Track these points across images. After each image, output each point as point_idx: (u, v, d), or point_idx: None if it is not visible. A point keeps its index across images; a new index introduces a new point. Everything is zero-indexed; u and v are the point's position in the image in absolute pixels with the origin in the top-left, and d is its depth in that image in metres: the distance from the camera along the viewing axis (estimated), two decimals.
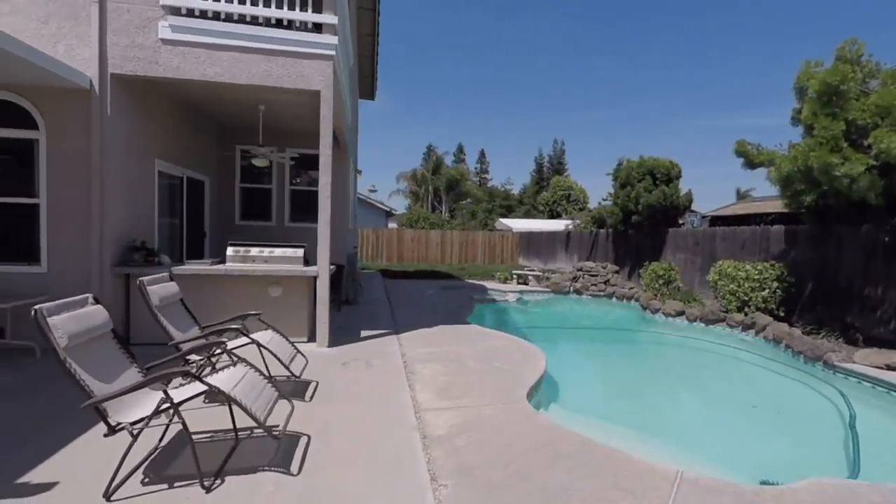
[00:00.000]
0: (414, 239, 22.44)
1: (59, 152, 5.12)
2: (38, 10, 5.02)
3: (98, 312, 2.83)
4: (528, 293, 12.95)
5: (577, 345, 8.93)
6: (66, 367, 2.47)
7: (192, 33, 5.30)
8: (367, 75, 14.90)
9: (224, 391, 2.64)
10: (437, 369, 5.09)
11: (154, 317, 3.71)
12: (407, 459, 3.05)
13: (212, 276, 5.64)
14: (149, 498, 2.55)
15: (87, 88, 5.08)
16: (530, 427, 3.60)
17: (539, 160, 60.01)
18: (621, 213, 13.19)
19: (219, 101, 7.11)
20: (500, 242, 23.05)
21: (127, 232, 5.59)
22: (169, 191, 6.97)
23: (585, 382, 6.56)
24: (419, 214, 31.39)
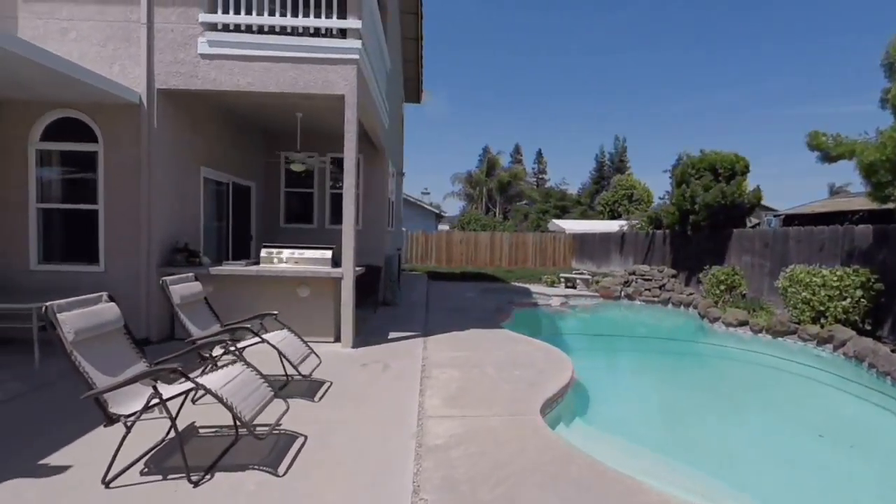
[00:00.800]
0: (463, 241, 22.36)
1: (114, 163, 5.65)
2: (98, 35, 5.58)
3: (109, 310, 3.03)
4: (575, 298, 12.37)
5: (620, 355, 8.33)
6: (72, 359, 2.66)
7: (226, 47, 5.62)
8: (413, 79, 15.08)
9: (209, 389, 2.70)
10: (454, 375, 4.94)
11: (175, 314, 3.93)
12: (395, 468, 2.95)
13: (246, 277, 5.92)
14: (143, 487, 2.67)
15: (137, 104, 5.56)
16: (536, 443, 3.35)
17: (600, 158, 57.55)
18: (678, 212, 12.18)
19: (260, 110, 7.50)
20: (551, 244, 22.31)
21: (173, 235, 6.04)
22: (216, 196, 7.46)
23: (623, 398, 6.05)
24: (471, 216, 31.31)
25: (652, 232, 14.65)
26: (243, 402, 2.86)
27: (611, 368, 7.40)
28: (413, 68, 14.67)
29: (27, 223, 5.63)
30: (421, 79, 15.31)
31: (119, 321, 3.09)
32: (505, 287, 13.93)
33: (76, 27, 5.56)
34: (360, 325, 7.23)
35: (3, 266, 5.58)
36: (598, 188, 49.97)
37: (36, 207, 5.66)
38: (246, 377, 3.08)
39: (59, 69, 4.73)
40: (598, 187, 50.79)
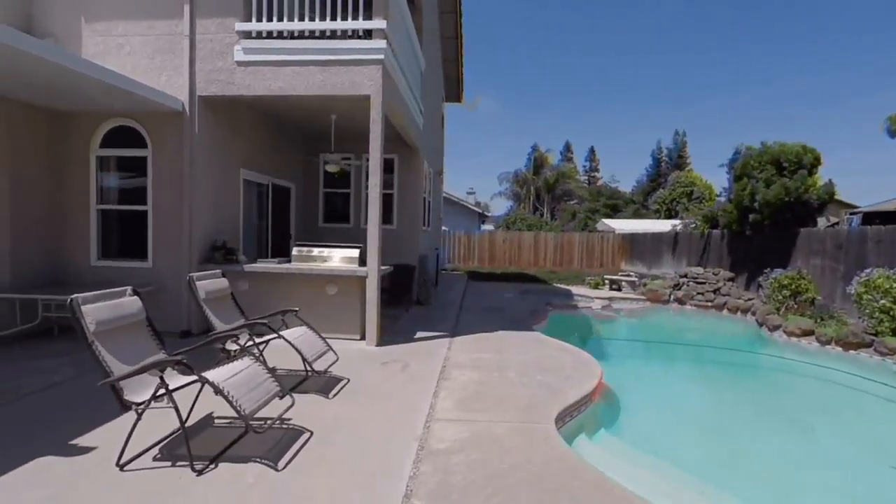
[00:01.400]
0: (506, 241, 22.03)
1: (160, 166, 6.08)
2: (148, 49, 6.02)
3: (132, 303, 3.23)
4: (619, 301, 11.75)
5: (661, 364, 7.76)
6: (93, 349, 2.85)
7: (259, 53, 5.86)
8: (453, 78, 15.05)
9: (211, 382, 2.79)
10: (473, 377, 4.83)
11: (199, 308, 4.14)
12: (392, 470, 2.90)
13: (277, 274, 6.15)
14: (152, 472, 2.81)
15: (181, 111, 5.94)
16: (542, 453, 3.17)
17: (657, 154, 54.57)
18: (736, 211, 11.20)
19: (297, 113, 7.78)
20: (599, 244, 21.41)
21: (212, 233, 6.39)
22: (256, 197, 7.83)
23: (660, 411, 5.59)
24: (516, 216, 30.81)
25: (708, 232, 13.61)
26: (246, 395, 2.94)
27: (650, 378, 6.90)
28: (453, 68, 14.64)
29: (89, 223, 6.20)
30: (462, 78, 15.24)
31: (141, 314, 3.29)
32: (545, 288, 13.53)
33: (129, 42, 6.04)
34: (390, 324, 7.30)
35: (68, 262, 6.19)
36: (655, 186, 47.33)
37: (96, 209, 6.21)
38: (252, 372, 3.16)
39: (115, 83, 5.17)
40: (654, 185, 48.13)
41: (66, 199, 6.16)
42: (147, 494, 2.58)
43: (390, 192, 9.64)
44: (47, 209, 6.02)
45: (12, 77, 4.93)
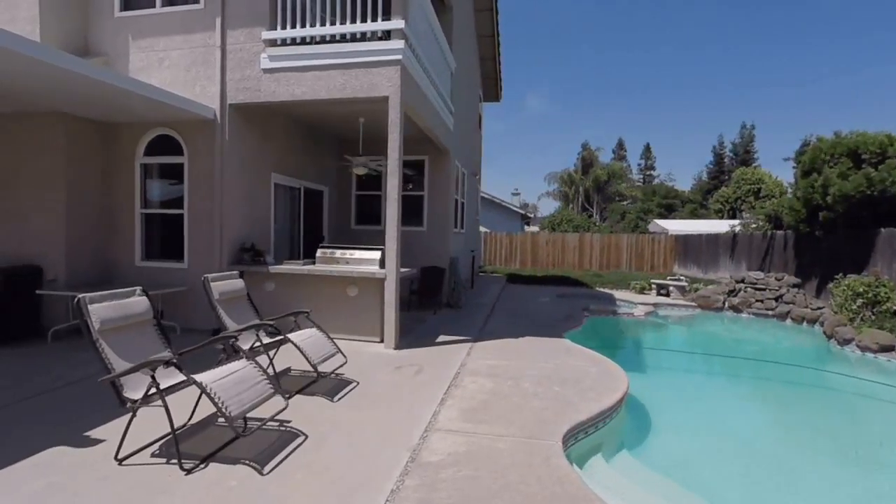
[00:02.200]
0: (549, 242, 21.38)
1: (195, 172, 6.40)
2: (185, 61, 6.37)
3: (139, 303, 3.36)
4: (666, 307, 10.96)
5: (707, 379, 7.05)
6: (96, 346, 2.98)
7: (284, 60, 6.01)
8: (491, 77, 14.82)
9: (198, 382, 2.82)
10: (485, 385, 4.62)
11: (213, 308, 4.27)
12: (376, 482, 2.78)
13: (300, 276, 6.27)
14: (146, 468, 2.89)
15: (212, 119, 6.23)
16: (541, 474, 2.92)
17: (719, 150, 50.82)
18: (803, 207, 10.06)
19: (326, 118, 7.93)
20: (649, 246, 20.20)
21: (243, 236, 6.64)
22: (289, 200, 8.07)
23: (697, 433, 4.99)
24: (562, 216, 29.85)
25: (771, 233, 12.37)
26: (235, 397, 2.94)
27: (690, 394, 6.28)
28: (491, 66, 14.42)
29: (133, 226, 6.66)
30: (499, 76, 14.98)
31: (148, 313, 3.41)
32: (585, 292, 12.92)
33: (169, 56, 6.42)
34: (415, 327, 7.23)
35: (116, 262, 6.68)
36: (716, 183, 44.10)
37: (140, 213, 6.66)
38: (246, 373, 3.18)
39: (154, 97, 5.55)
40: (715, 182, 44.87)
41: (115, 205, 6.66)
42: (134, 490, 2.64)
43: (420, 193, 9.60)
44: (98, 214, 6.54)
45: (72, 96, 5.43)
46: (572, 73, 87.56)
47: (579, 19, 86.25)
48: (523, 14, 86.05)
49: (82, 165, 6.31)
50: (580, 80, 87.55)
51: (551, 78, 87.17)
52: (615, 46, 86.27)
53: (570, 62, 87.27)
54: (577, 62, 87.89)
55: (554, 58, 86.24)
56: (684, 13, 77.54)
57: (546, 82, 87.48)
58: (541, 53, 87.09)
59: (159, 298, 6.28)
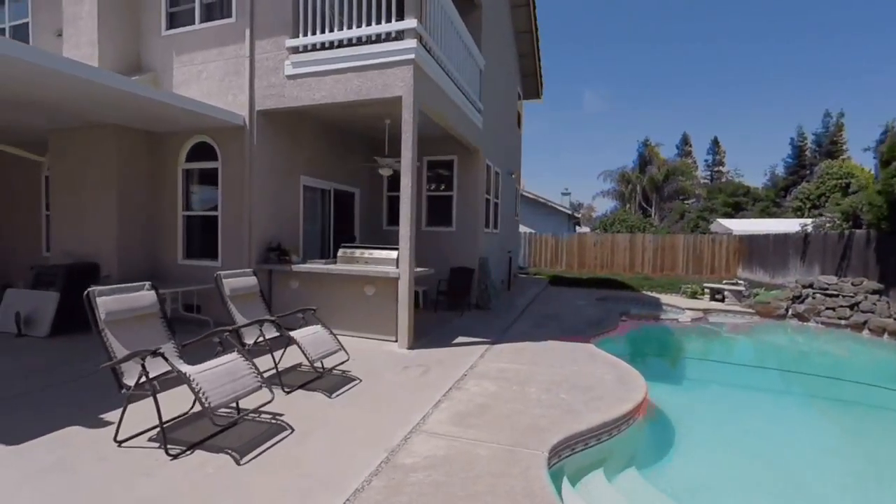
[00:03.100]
0: (598, 244, 20.47)
1: (228, 176, 6.81)
2: (219, 72, 6.81)
3: (146, 297, 3.60)
4: (718, 313, 10.05)
5: (753, 395, 6.26)
6: (102, 335, 3.23)
7: (305, 66, 6.23)
8: (531, 74, 14.48)
9: (182, 372, 2.97)
10: (488, 389, 4.47)
11: (224, 303, 4.49)
12: (344, 481, 2.76)
13: (321, 274, 6.46)
14: (139, 451, 3.08)
15: (242, 125, 6.59)
16: (511, 485, 2.75)
17: (799, 142, 45.95)
18: (885, 203, 8.79)
19: (354, 121, 8.13)
20: (709, 248, 18.70)
21: (271, 236, 6.97)
22: (319, 201, 8.36)
23: (726, 455, 4.43)
24: (615, 217, 28.48)
25: (848, 232, 10.95)
26: (218, 388, 3.07)
27: (729, 411, 5.61)
28: (530, 63, 14.08)
29: (176, 227, 7.22)
30: (540, 73, 14.59)
31: (154, 307, 3.66)
32: (630, 296, 12.20)
33: (206, 69, 6.90)
34: (438, 328, 7.19)
35: (162, 260, 7.27)
36: (796, 179, 39.90)
37: (182, 215, 7.21)
38: (233, 366, 3.30)
39: (188, 107, 6.02)
40: (794, 178, 40.59)
41: (160, 207, 7.26)
42: (121, 470, 2.83)
43: (449, 193, 9.56)
44: (146, 216, 7.16)
45: (121, 110, 6.07)
46: (632, 67, 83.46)
47: (639, 12, 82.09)
48: (578, 8, 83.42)
49: (132, 171, 6.95)
50: (640, 75, 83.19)
51: (610, 74, 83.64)
52: (678, 38, 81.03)
53: (629, 57, 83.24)
54: (636, 56, 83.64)
55: (613, 53, 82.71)
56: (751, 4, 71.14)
57: (604, 78, 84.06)
58: (599, 49, 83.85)
59: (195, 294, 6.76)
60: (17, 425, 3.40)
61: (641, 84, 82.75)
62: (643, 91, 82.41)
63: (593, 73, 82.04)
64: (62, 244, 7.14)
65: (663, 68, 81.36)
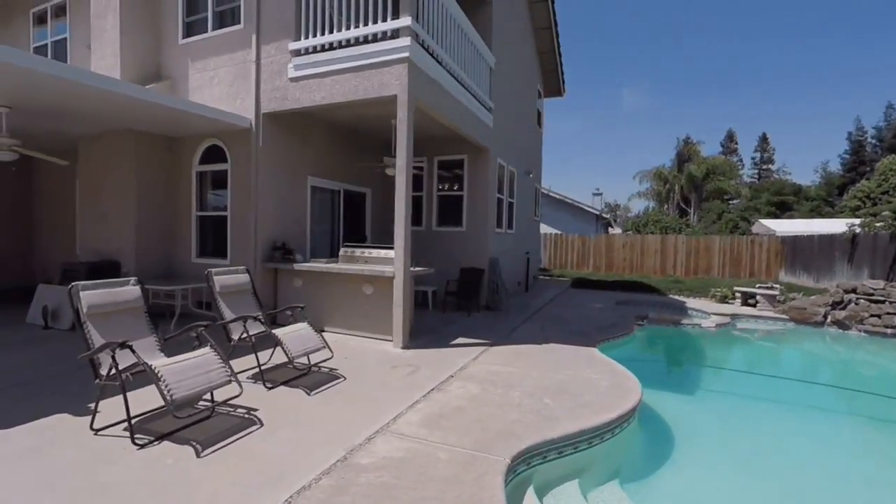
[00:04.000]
0: (626, 245, 19.72)
1: (236, 177, 7.04)
2: (229, 78, 7.05)
3: (129, 292, 3.75)
4: (747, 319, 9.41)
5: (772, 408, 5.77)
6: (83, 328, 3.39)
7: (306, 68, 6.34)
8: (551, 71, 14.17)
9: (149, 365, 3.06)
10: (471, 391, 4.36)
11: (214, 299, 4.62)
12: (292, 478, 2.74)
13: (324, 273, 6.55)
14: (111, 440, 3.19)
15: (248, 128, 6.80)
16: (460, 491, 2.64)
17: (857, 136, 42.57)
18: None
19: (361, 122, 8.19)
20: (747, 250, 17.58)
21: (277, 236, 7.14)
22: (328, 202, 8.49)
23: (728, 472, 4.10)
24: (648, 217, 27.36)
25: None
26: (183, 381, 3.14)
27: (738, 424, 5.20)
28: (550, 60, 13.77)
29: (190, 227, 7.53)
30: (560, 70, 14.24)
31: (138, 301, 3.80)
32: (654, 299, 11.64)
33: (217, 74, 7.16)
34: (441, 328, 7.12)
35: (177, 258, 7.61)
36: (854, 176, 36.95)
37: (195, 215, 7.51)
38: (202, 360, 3.37)
39: (204, 113, 6.35)
40: (852, 175, 37.60)
41: (175, 208, 7.60)
42: (88, 457, 2.94)
43: (460, 193, 9.47)
44: (162, 216, 7.52)
45: (138, 117, 6.44)
46: (674, 65, 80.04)
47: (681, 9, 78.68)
48: (617, 4, 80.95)
49: (149, 174, 7.31)
50: (681, 73, 79.67)
51: (651, 71, 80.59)
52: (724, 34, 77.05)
53: (669, 55, 79.87)
54: (677, 54, 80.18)
55: (653, 51, 79.70)
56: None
57: (644, 76, 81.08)
58: (638, 46, 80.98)
59: (204, 291, 7.00)
60: (10, 411, 3.61)
61: (683, 82, 79.26)
62: (684, 89, 78.90)
63: (633, 70, 79.33)
64: (89, 243, 7.62)
65: (708, 65, 77.57)
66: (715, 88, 75.15)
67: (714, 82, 75.41)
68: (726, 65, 74.70)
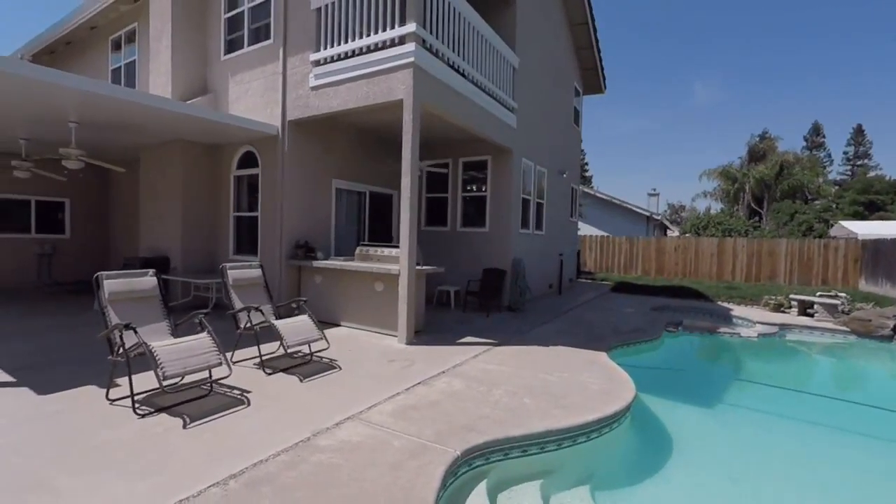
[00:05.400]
0: (679, 248, 18.53)
1: (266, 181, 7.62)
2: (260, 89, 7.66)
3: (146, 281, 4.26)
4: (800, 330, 8.54)
5: (806, 430, 5.20)
6: (104, 312, 3.91)
7: (324, 77, 6.75)
8: (590, 67, 13.75)
9: (147, 344, 3.49)
10: (454, 386, 4.45)
11: (226, 292, 5.08)
12: (253, 453, 2.99)
13: (339, 270, 6.92)
14: (121, 409, 3.65)
15: (276, 135, 7.34)
16: (397, 476, 2.76)
17: None
18: None
19: (383, 127, 8.51)
20: (820, 255, 15.83)
21: (301, 235, 7.62)
22: (353, 203, 8.91)
23: (719, 485, 3.88)
24: (708, 219, 25.43)
25: None
26: (176, 361, 3.54)
27: (757, 443, 4.78)
28: (589, 56, 13.36)
29: (228, 227, 8.25)
30: (600, 66, 13.75)
31: (154, 290, 4.30)
32: (695, 306, 10.89)
33: (252, 86, 7.81)
34: (454, 326, 7.25)
35: (217, 255, 8.37)
36: None
37: (232, 216, 8.22)
38: (196, 344, 3.77)
39: (238, 124, 6.96)
40: None
41: (216, 210, 8.37)
42: (95, 423, 3.41)
43: (483, 194, 9.50)
44: (205, 217, 8.31)
45: (186, 129, 7.22)
46: (746, 60, 73.52)
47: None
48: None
49: (194, 180, 8.13)
50: (756, 67, 72.94)
51: (723, 67, 74.61)
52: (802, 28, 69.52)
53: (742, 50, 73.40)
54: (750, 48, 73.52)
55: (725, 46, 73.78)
56: None
57: (717, 71, 75.22)
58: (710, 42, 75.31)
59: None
60: (53, 381, 4.23)
61: (754, 78, 72.52)
62: (753, 87, 72.13)
63: (704, 66, 73.95)
64: (148, 241, 8.60)
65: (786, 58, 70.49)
66: (794, 80, 67.98)
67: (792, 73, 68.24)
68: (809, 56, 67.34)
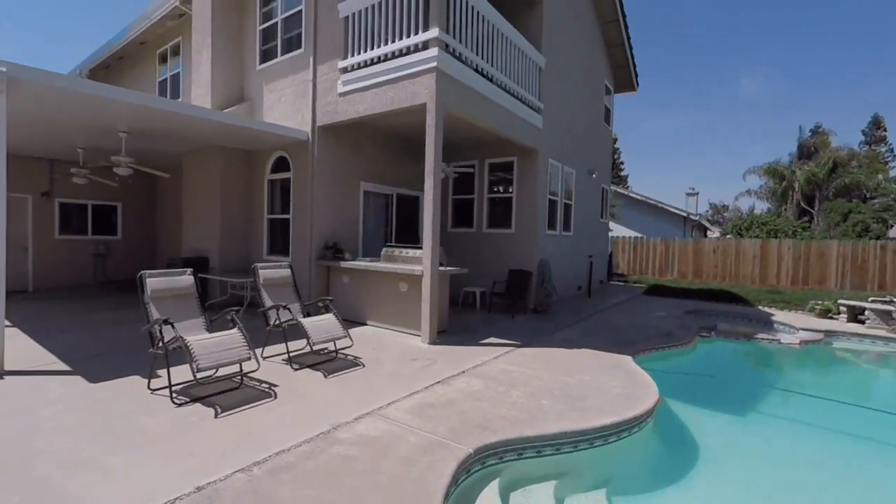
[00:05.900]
0: (718, 250, 17.74)
1: (297, 184, 7.93)
2: (292, 96, 7.99)
3: (184, 280, 4.56)
4: (848, 338, 8.02)
5: (844, 444, 4.90)
6: (146, 307, 4.22)
7: (352, 83, 6.97)
8: (622, 65, 13.45)
9: (183, 339, 3.74)
10: (473, 386, 4.50)
11: (257, 290, 5.35)
12: (274, 443, 3.16)
13: (364, 271, 7.11)
14: (160, 398, 3.92)
15: (306, 140, 7.63)
16: (409, 470, 2.84)
17: None
18: None
19: (412, 130, 8.67)
20: (876, 257, 14.76)
21: (330, 236, 7.88)
22: (381, 205, 9.11)
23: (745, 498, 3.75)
24: (752, 219, 24.17)
25: None
26: (210, 354, 3.78)
27: (793, 456, 4.55)
28: (620, 53, 13.07)
29: (263, 228, 8.64)
30: (632, 63, 13.41)
31: (190, 288, 4.59)
32: (733, 311, 10.41)
33: (284, 94, 8.15)
34: (481, 327, 7.31)
35: (252, 255, 8.77)
36: None
37: (266, 218, 8.60)
38: (227, 339, 4.00)
39: (270, 130, 7.33)
40: None
41: (251, 212, 8.77)
42: (136, 409, 3.68)
43: (509, 195, 9.49)
44: (241, 219, 8.73)
45: (224, 136, 7.64)
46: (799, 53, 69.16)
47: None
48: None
49: (231, 184, 8.56)
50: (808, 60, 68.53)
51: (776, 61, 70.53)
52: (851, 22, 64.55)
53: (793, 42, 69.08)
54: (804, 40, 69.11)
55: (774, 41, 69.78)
56: None
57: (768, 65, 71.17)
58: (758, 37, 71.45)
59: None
60: (103, 370, 4.60)
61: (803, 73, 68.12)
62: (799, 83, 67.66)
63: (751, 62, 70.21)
64: (190, 242, 9.13)
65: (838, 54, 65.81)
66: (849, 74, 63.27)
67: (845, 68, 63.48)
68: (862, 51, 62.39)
